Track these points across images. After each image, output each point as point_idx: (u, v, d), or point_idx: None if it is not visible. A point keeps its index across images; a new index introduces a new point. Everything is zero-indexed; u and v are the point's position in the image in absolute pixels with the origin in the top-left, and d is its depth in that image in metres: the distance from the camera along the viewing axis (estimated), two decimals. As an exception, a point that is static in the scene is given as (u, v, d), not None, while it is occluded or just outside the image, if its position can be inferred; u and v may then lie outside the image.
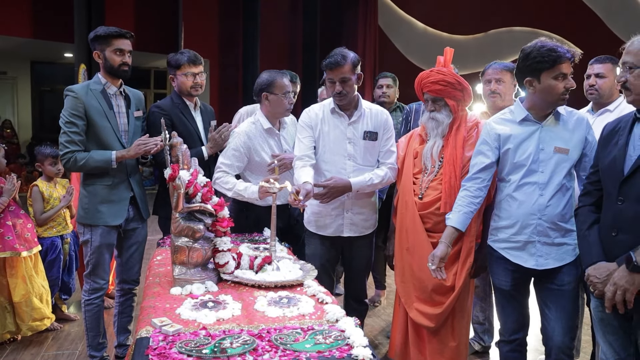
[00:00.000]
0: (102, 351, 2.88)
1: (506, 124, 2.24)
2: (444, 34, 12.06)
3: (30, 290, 3.27)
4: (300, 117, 2.76)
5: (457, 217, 2.24)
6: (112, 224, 2.72)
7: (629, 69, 1.71)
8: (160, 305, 1.80)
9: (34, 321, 3.31)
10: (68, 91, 2.65)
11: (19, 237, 3.24)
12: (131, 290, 2.99)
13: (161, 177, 2.97)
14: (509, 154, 2.19)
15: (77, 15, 8.77)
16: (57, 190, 3.59)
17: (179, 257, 1.99)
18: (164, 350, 1.42)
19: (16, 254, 3.19)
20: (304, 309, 1.75)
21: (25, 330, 3.30)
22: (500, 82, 2.86)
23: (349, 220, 2.71)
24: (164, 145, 2.12)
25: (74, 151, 2.61)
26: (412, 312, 2.50)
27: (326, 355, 1.42)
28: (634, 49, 1.71)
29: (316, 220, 2.73)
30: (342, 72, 2.57)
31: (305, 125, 2.70)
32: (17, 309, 3.26)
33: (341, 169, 2.66)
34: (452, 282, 2.40)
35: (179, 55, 2.95)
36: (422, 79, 2.46)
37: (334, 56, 2.59)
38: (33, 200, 3.51)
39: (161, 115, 2.74)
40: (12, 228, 3.21)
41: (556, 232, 2.13)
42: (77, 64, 8.75)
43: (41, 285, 3.36)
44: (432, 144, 2.47)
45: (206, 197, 2.03)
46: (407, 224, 2.51)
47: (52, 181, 3.59)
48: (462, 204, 2.25)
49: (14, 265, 3.24)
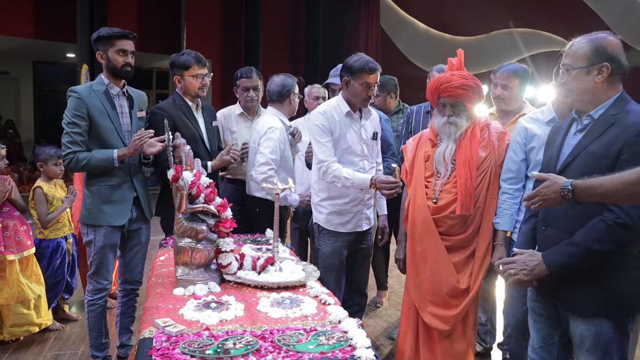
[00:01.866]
0: (105, 351, 2.88)
1: (535, 123, 2.35)
2: (446, 35, 12.08)
3: (13, 295, 3.19)
4: (314, 118, 2.72)
5: (506, 221, 2.38)
6: (116, 225, 2.73)
7: (567, 70, 1.76)
8: (163, 305, 1.80)
9: (13, 326, 3.24)
10: (71, 92, 2.65)
11: (8, 239, 3.19)
12: (134, 291, 2.99)
13: (163, 178, 2.98)
14: (533, 152, 2.30)
15: (80, 16, 8.80)
16: (57, 191, 3.57)
17: (181, 257, 1.99)
18: (167, 350, 1.43)
19: (1, 257, 3.15)
20: (306, 310, 1.75)
21: (5, 334, 3.25)
22: (507, 88, 2.81)
23: (365, 215, 2.83)
24: (166, 145, 2.13)
25: (76, 151, 2.61)
26: (426, 317, 2.48)
27: (329, 356, 1.42)
28: (571, 52, 1.76)
29: (337, 218, 2.76)
30: (376, 78, 2.66)
31: (325, 129, 2.68)
32: (1, 312, 3.22)
33: (361, 169, 2.73)
34: (467, 284, 2.41)
35: (186, 57, 2.96)
36: (442, 83, 2.37)
37: (371, 62, 2.63)
38: (36, 202, 3.45)
39: (164, 116, 2.74)
40: (2, 230, 3.17)
41: None
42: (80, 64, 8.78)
43: (30, 290, 3.26)
44: (444, 148, 2.44)
45: (209, 198, 2.04)
46: (419, 228, 2.49)
47: (51, 182, 3.56)
48: (505, 207, 2.39)
49: (1, 267, 3.18)
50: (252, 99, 3.39)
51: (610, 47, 1.71)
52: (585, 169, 1.65)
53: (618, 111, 1.69)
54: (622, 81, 1.75)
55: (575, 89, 1.75)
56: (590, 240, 1.64)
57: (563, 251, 1.71)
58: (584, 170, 1.65)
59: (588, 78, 1.72)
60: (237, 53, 11.03)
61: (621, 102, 1.72)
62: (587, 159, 1.70)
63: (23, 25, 9.59)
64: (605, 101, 1.73)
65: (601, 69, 1.70)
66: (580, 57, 1.72)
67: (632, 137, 1.61)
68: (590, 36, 1.74)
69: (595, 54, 1.70)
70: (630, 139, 1.62)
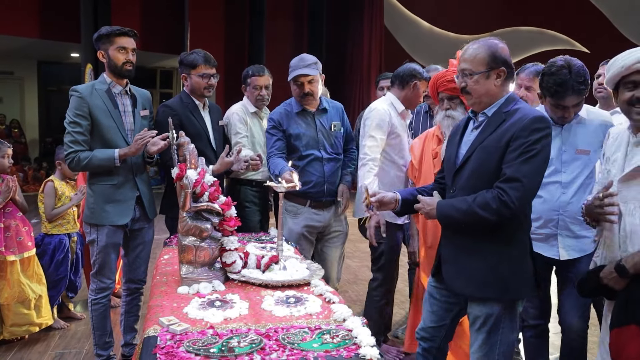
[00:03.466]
0: (109, 350, 2.88)
1: None
2: (450, 34, 12.05)
3: (14, 295, 3.22)
4: (375, 114, 2.86)
5: None
6: (118, 224, 2.72)
7: (468, 75, 1.90)
8: (167, 304, 1.80)
9: (13, 326, 3.25)
10: (73, 91, 2.66)
11: (10, 240, 3.21)
12: (138, 290, 2.99)
13: (168, 176, 2.98)
14: None
15: (84, 16, 8.82)
16: (68, 189, 3.62)
17: (186, 256, 1.99)
18: (172, 349, 1.43)
19: (1, 258, 3.17)
20: (311, 309, 1.75)
21: (5, 334, 3.26)
22: (530, 90, 2.85)
23: None
24: (169, 143, 2.13)
25: (78, 151, 2.61)
26: None
27: (333, 354, 1.42)
28: (469, 57, 1.91)
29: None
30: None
31: (385, 125, 2.85)
32: (1, 312, 3.23)
33: (403, 166, 2.94)
34: None
35: (195, 55, 2.96)
36: (438, 78, 2.54)
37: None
38: (46, 195, 3.52)
39: (170, 114, 2.74)
40: (4, 230, 3.19)
41: (577, 226, 2.29)
42: (84, 64, 8.80)
43: (30, 290, 3.28)
44: None
45: (213, 196, 2.04)
46: (429, 223, 2.60)
47: (65, 180, 3.63)
48: None
49: (2, 267, 3.20)
50: (263, 98, 3.31)
51: (504, 52, 1.90)
52: (482, 162, 1.85)
53: (508, 109, 1.87)
54: (510, 82, 1.96)
55: (477, 91, 1.90)
56: (476, 204, 1.80)
57: (453, 205, 1.89)
58: (480, 163, 1.86)
59: (488, 81, 1.89)
60: (240, 53, 11.03)
61: (510, 101, 1.90)
62: (483, 152, 1.86)
63: (27, 26, 9.62)
64: (498, 100, 1.91)
65: (499, 73, 1.88)
66: (479, 63, 1.88)
67: (518, 131, 1.79)
68: (483, 42, 1.92)
69: (493, 60, 1.88)
70: (516, 133, 1.79)
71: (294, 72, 2.83)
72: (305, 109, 2.91)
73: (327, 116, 2.95)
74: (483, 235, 1.86)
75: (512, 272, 1.86)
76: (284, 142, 2.88)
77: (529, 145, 1.76)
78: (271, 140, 2.89)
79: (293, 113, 2.90)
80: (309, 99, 2.86)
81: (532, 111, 1.85)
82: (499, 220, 1.79)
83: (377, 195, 2.06)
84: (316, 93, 2.87)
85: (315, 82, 2.84)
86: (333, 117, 2.98)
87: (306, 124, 2.90)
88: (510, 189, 1.75)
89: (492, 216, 1.78)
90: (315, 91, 2.86)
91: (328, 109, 2.97)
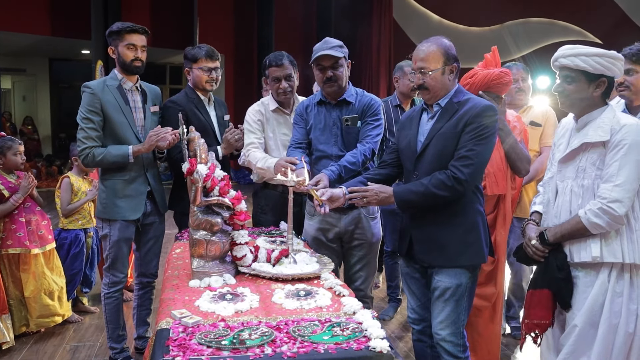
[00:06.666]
0: (122, 343, 2.92)
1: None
2: (459, 26, 11.93)
3: (39, 287, 3.30)
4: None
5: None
6: (130, 219, 2.76)
7: (426, 73, 2.07)
8: (179, 297, 1.82)
9: (40, 317, 3.33)
10: (85, 87, 2.68)
11: (32, 234, 3.29)
12: (150, 284, 3.03)
13: (175, 171, 3.00)
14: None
15: (94, 13, 8.87)
16: (84, 185, 3.67)
17: (197, 250, 2.01)
18: (184, 341, 1.44)
19: (26, 251, 3.25)
20: (321, 302, 1.76)
21: (32, 325, 3.34)
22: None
23: None
24: (178, 138, 2.14)
25: (92, 147, 2.64)
26: None
27: (344, 347, 1.43)
28: (423, 56, 2.08)
29: None
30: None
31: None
32: (27, 304, 3.30)
33: None
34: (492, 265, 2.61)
35: (197, 49, 2.96)
36: (492, 79, 2.52)
37: None
38: (62, 190, 3.58)
39: (177, 109, 2.75)
40: (25, 225, 3.27)
41: None
42: (95, 60, 8.87)
43: (54, 282, 3.38)
44: None
45: (224, 190, 2.05)
46: None
47: (81, 175, 3.68)
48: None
49: (26, 261, 3.28)
50: (284, 91, 2.86)
51: (453, 50, 2.11)
52: (441, 148, 2.05)
53: (460, 99, 2.09)
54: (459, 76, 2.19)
55: (434, 87, 2.09)
56: (431, 185, 2.00)
57: (409, 189, 2.07)
58: (440, 148, 2.06)
59: (443, 77, 2.08)
60: (250, 48, 11.03)
61: (460, 93, 2.12)
62: (440, 139, 2.06)
63: (39, 23, 9.71)
64: (449, 92, 2.11)
65: (451, 69, 2.10)
66: (434, 60, 2.07)
67: (471, 118, 2.01)
68: (434, 41, 2.10)
69: (446, 57, 2.08)
70: (470, 119, 2.01)
71: (315, 54, 2.52)
72: (324, 99, 2.62)
73: (349, 110, 2.59)
74: (450, 210, 2.06)
75: (476, 238, 2.08)
76: (305, 133, 2.64)
77: (481, 129, 1.99)
78: (294, 131, 2.70)
79: (313, 103, 2.65)
80: (332, 86, 2.53)
81: (481, 101, 2.08)
82: (454, 196, 2.01)
83: (325, 194, 2.15)
84: (341, 79, 2.53)
85: (340, 66, 2.52)
86: (357, 112, 2.59)
87: (322, 116, 2.61)
88: (463, 166, 1.98)
89: (448, 193, 1.99)
90: (340, 76, 2.52)
91: (353, 102, 2.59)
